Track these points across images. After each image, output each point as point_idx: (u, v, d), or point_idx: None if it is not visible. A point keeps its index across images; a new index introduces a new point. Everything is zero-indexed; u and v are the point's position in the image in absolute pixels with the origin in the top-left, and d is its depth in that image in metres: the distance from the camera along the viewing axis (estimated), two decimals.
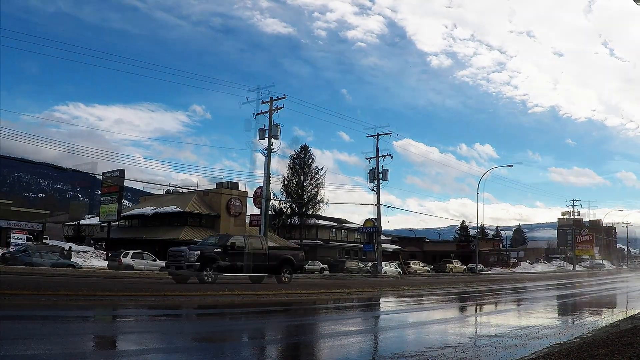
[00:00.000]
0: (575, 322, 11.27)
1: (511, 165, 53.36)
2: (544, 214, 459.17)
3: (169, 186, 58.14)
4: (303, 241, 58.18)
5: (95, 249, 48.96)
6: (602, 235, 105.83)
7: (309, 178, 57.85)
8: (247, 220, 53.29)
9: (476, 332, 9.14)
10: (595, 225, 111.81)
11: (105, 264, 35.40)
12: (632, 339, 7.23)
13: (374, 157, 44.72)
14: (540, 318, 12.16)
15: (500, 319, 12.28)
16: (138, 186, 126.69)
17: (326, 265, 48.99)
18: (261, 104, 37.71)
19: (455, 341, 7.95)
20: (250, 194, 44.36)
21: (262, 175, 37.83)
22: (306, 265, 40.35)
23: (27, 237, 39.19)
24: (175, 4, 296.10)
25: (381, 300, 18.54)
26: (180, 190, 56.60)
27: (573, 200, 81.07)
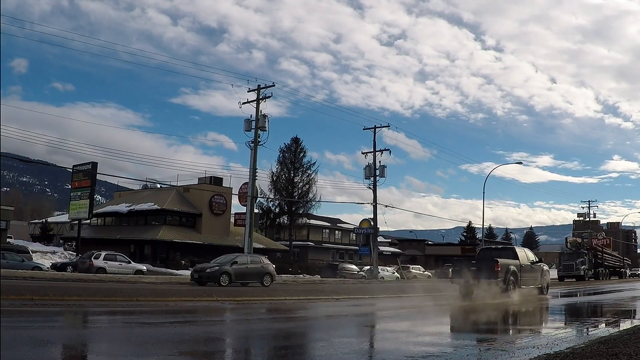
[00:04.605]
0: (573, 333, 11.73)
1: (520, 163, 53.90)
2: (557, 215, 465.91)
3: (146, 181, 58.27)
4: (293, 242, 58.61)
5: (65, 249, 49.18)
6: (621, 239, 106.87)
7: (300, 173, 58.07)
8: (232, 220, 53.68)
9: (464, 341, 9.59)
10: (613, 228, 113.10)
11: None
12: (620, 349, 7.69)
13: (370, 152, 45.14)
14: (536, 328, 12.65)
15: (492, 328, 12.74)
16: (112, 180, 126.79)
17: None
18: (247, 92, 38.03)
19: (439, 351, 8.39)
20: (235, 190, 44.75)
21: (249, 170, 38.17)
22: None
23: None
24: None
25: (371, 306, 19.00)
26: (158, 185, 56.86)
27: (589, 201, 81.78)
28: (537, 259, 23.69)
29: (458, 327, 13.52)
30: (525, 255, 22.60)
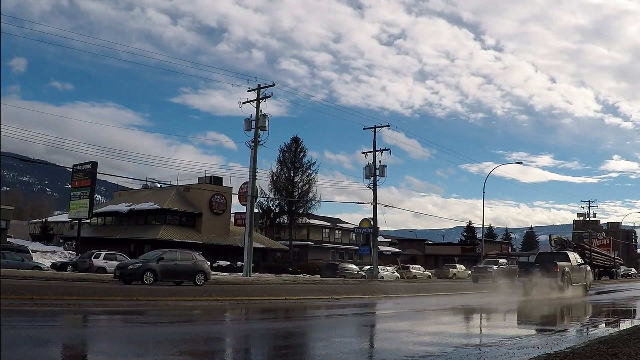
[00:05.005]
0: (573, 333, 11.74)
1: (520, 162, 53.96)
2: (557, 215, 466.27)
3: (146, 180, 58.27)
4: (293, 242, 58.62)
5: (65, 249, 49.21)
6: (621, 239, 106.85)
7: (300, 173, 58.09)
8: (232, 219, 53.68)
9: (464, 342, 9.57)
10: (613, 228, 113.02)
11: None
12: (620, 349, 7.70)
13: (370, 152, 45.17)
14: (536, 327, 12.64)
15: (492, 328, 12.74)
16: (112, 180, 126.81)
17: None
18: (247, 91, 38.05)
19: (439, 350, 8.38)
20: (235, 190, 44.74)
21: (249, 170, 38.17)
22: None
23: None
24: None
25: (372, 305, 19.03)
26: (158, 185, 56.90)
27: (589, 201, 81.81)
28: (582, 261, 27.27)
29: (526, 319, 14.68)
30: (575, 257, 26.21)
